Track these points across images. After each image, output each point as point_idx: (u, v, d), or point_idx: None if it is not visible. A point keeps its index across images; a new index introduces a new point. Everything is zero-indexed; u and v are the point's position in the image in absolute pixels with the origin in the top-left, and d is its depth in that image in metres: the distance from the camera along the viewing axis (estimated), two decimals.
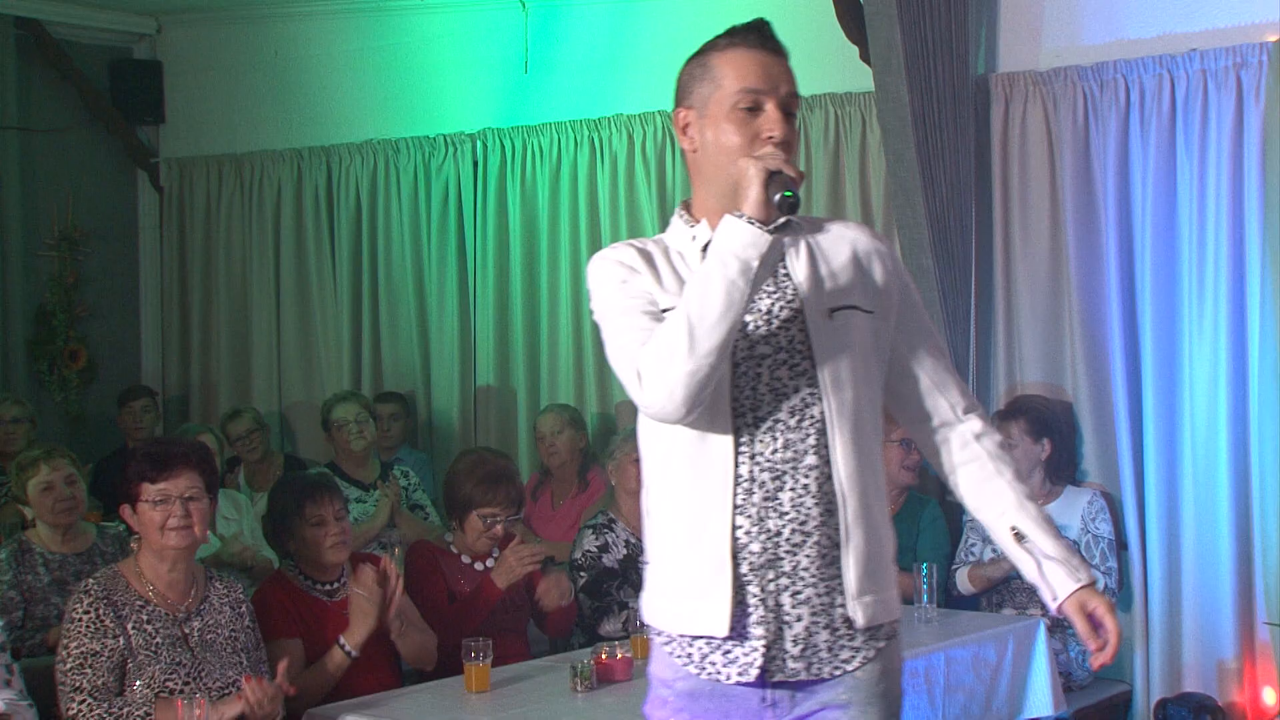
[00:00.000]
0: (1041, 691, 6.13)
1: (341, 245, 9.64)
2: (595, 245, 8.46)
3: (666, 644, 3.42)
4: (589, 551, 6.42)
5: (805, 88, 7.85)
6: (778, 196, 3.15)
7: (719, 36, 3.43)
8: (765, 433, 3.33)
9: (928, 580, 6.11)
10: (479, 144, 9.06)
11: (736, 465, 3.32)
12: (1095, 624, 3.51)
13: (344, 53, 9.58)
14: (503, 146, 8.96)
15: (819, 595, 3.34)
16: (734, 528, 3.31)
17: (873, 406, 3.43)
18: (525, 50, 8.87)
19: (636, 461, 6.46)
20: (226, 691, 4.69)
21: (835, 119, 7.87)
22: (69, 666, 4.65)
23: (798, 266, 3.41)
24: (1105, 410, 7.17)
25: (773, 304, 3.39)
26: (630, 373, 3.22)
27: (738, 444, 3.32)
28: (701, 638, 3.35)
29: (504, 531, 5.97)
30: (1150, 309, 7.09)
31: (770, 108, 3.34)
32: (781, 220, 3.20)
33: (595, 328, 8.65)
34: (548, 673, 5.46)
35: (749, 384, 3.34)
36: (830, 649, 3.37)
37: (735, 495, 3.32)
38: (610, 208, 8.57)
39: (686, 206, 3.50)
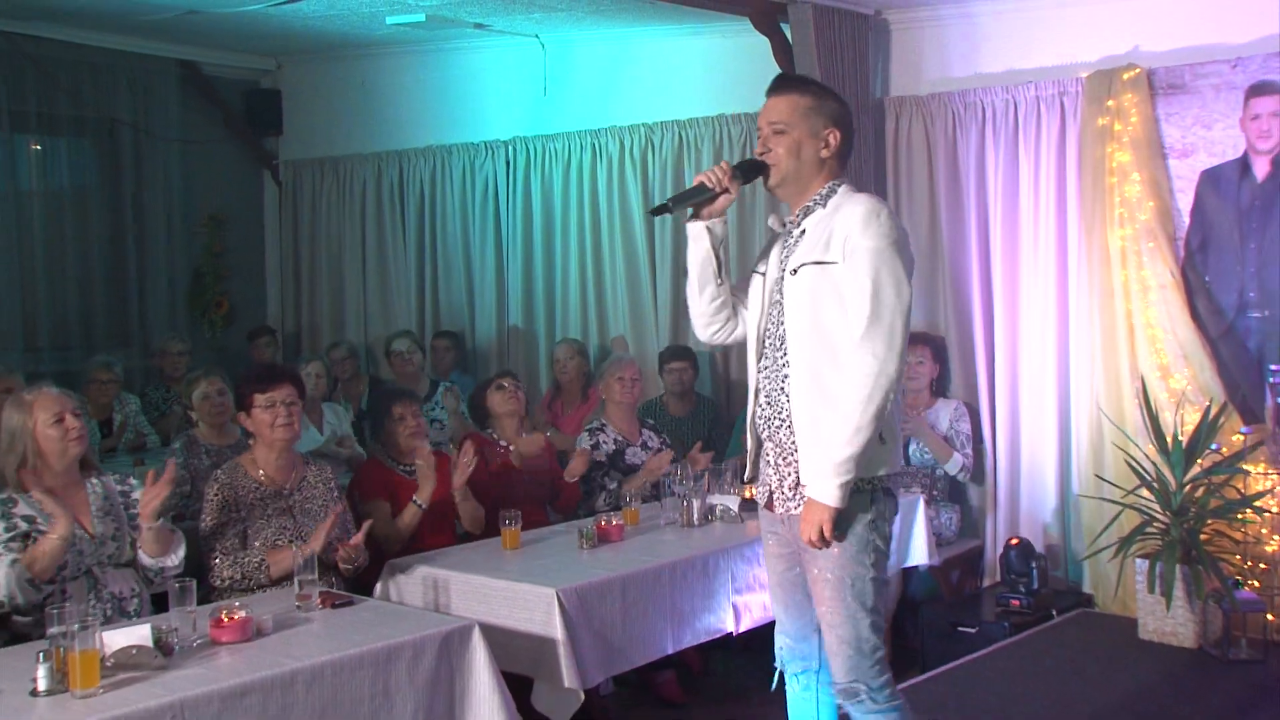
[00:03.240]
0: (920, 546, 6.19)
1: (409, 223, 9.57)
2: (595, 223, 8.58)
3: None
4: (584, 448, 6.40)
5: (747, 107, 8.02)
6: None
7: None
8: (768, 350, 3.64)
9: None
10: (510, 148, 8.99)
11: (759, 372, 3.67)
12: None
13: (412, 81, 9.50)
14: (528, 150, 8.90)
15: (794, 454, 3.57)
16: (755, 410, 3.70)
17: (823, 335, 3.51)
18: (544, 78, 8.78)
19: (620, 380, 6.56)
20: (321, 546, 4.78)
21: None
22: (207, 533, 4.79)
23: (792, 245, 3.62)
24: (968, 343, 7.19)
25: (776, 266, 3.66)
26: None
27: (760, 359, 3.68)
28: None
29: (525, 402, 6.31)
30: (1000, 268, 7.08)
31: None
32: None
33: (598, 281, 8.74)
34: (562, 535, 5.49)
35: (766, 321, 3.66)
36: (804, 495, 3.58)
37: (758, 389, 3.69)
38: (606, 195, 8.49)
39: None
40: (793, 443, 3.55)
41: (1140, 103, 6.48)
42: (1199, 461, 6.07)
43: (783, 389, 3.56)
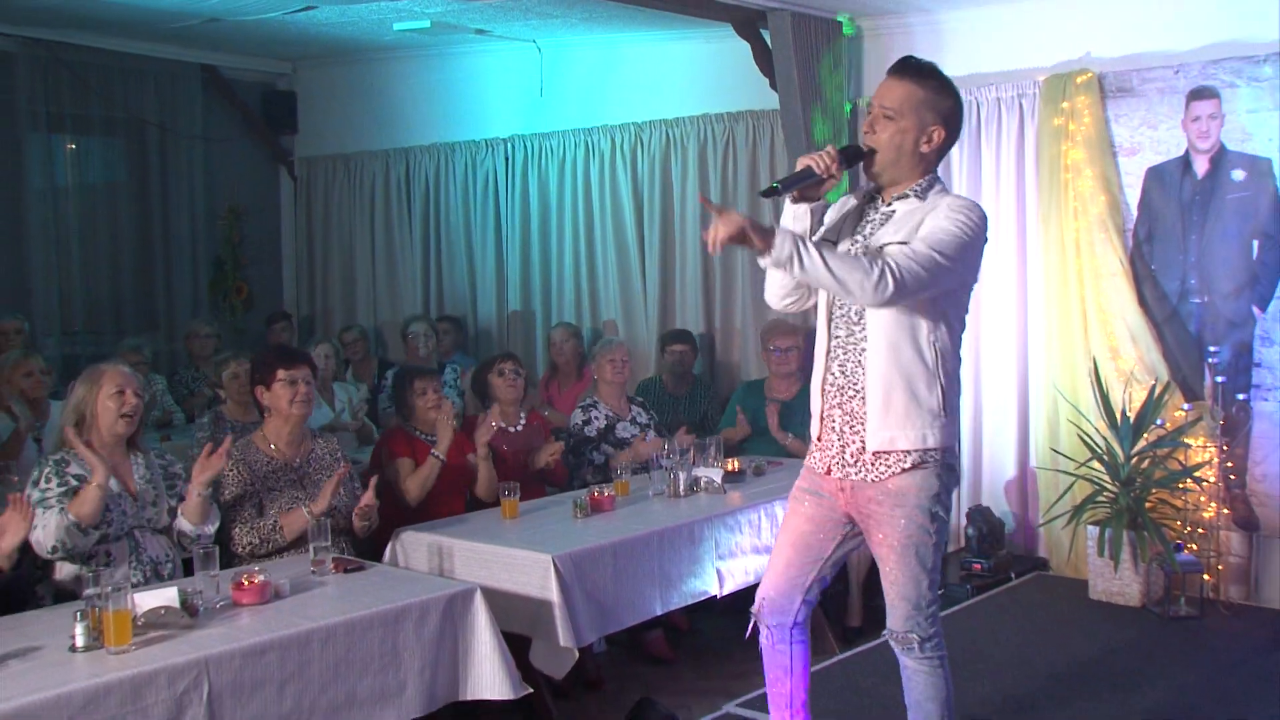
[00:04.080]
0: None
1: (415, 215, 9.56)
2: (588, 215, 8.57)
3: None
4: (576, 424, 6.47)
5: (729, 107, 7.99)
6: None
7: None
8: (841, 321, 3.54)
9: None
10: (509, 146, 8.97)
11: (830, 339, 3.57)
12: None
13: (418, 84, 9.48)
14: (525, 147, 8.88)
15: (863, 424, 3.48)
16: (825, 376, 3.57)
17: (902, 313, 3.42)
18: (540, 80, 8.77)
19: (611, 361, 6.55)
20: (327, 512, 4.77)
21: (753, 128, 7.79)
22: (227, 505, 4.78)
23: (876, 222, 3.53)
24: None
25: (862, 246, 3.52)
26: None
27: (830, 326, 3.57)
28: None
29: (524, 386, 6.23)
30: None
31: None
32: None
33: (591, 268, 8.74)
34: (557, 505, 5.50)
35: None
36: (872, 464, 3.47)
37: (829, 358, 3.57)
38: (598, 189, 8.48)
39: None
40: (863, 413, 3.46)
41: (1092, 104, 6.50)
42: (1145, 436, 6.12)
43: (859, 361, 3.46)
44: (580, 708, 5.29)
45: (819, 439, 3.59)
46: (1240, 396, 6.26)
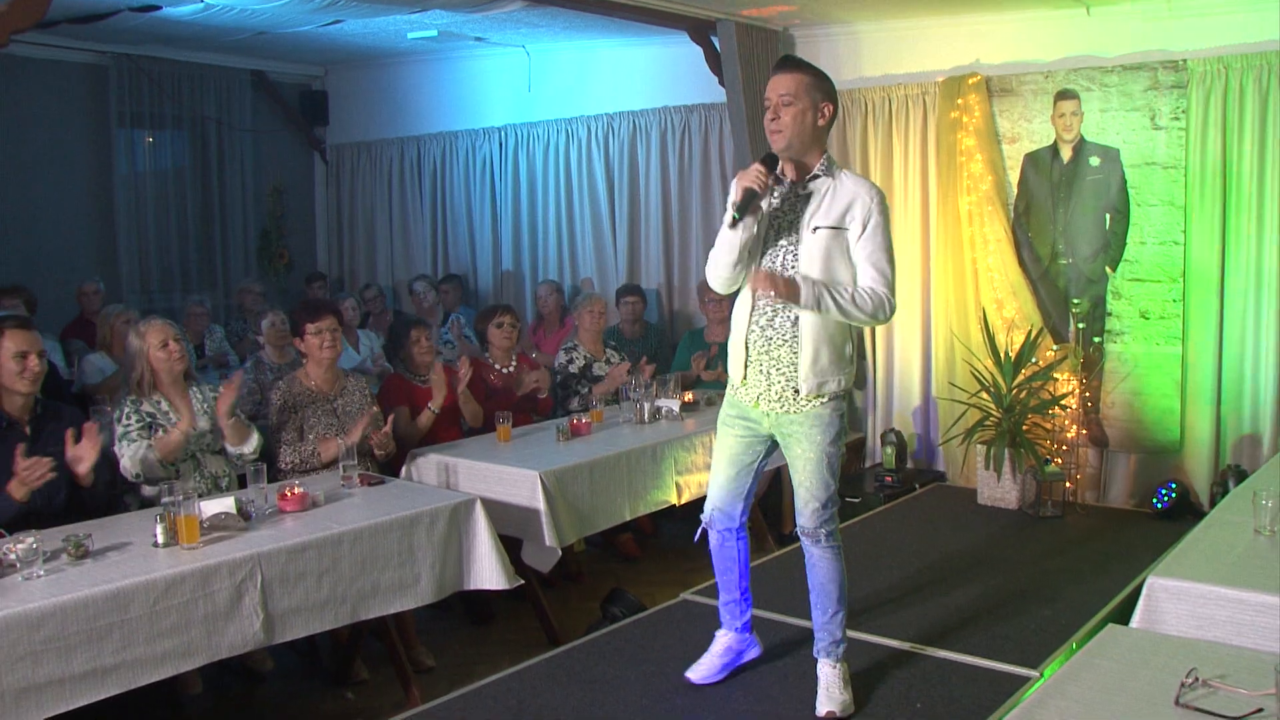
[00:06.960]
0: None
1: (425, 191, 9.52)
2: (568, 190, 8.52)
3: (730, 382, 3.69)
4: (561, 363, 6.40)
5: (684, 100, 7.96)
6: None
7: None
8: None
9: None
10: (503, 133, 8.93)
11: (754, 305, 3.53)
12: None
13: (427, 82, 9.42)
14: (516, 135, 8.83)
15: (791, 369, 3.51)
16: (749, 332, 3.55)
17: (833, 282, 3.43)
18: (529, 79, 8.74)
19: (590, 312, 6.51)
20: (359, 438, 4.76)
21: (705, 118, 7.79)
22: (273, 428, 4.77)
23: (791, 201, 3.51)
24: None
25: (784, 222, 3.50)
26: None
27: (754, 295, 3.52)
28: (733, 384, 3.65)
29: (516, 336, 6.03)
30: None
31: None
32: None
33: (570, 234, 8.70)
34: (544, 431, 5.50)
35: (766, 263, 3.50)
36: (794, 399, 3.53)
37: (751, 317, 3.54)
38: (577, 168, 8.45)
39: None
40: (793, 360, 3.49)
41: (981, 101, 6.55)
42: (1023, 371, 6.20)
43: (791, 319, 3.47)
44: (563, 596, 5.35)
45: (744, 379, 3.60)
46: (1096, 340, 6.36)
